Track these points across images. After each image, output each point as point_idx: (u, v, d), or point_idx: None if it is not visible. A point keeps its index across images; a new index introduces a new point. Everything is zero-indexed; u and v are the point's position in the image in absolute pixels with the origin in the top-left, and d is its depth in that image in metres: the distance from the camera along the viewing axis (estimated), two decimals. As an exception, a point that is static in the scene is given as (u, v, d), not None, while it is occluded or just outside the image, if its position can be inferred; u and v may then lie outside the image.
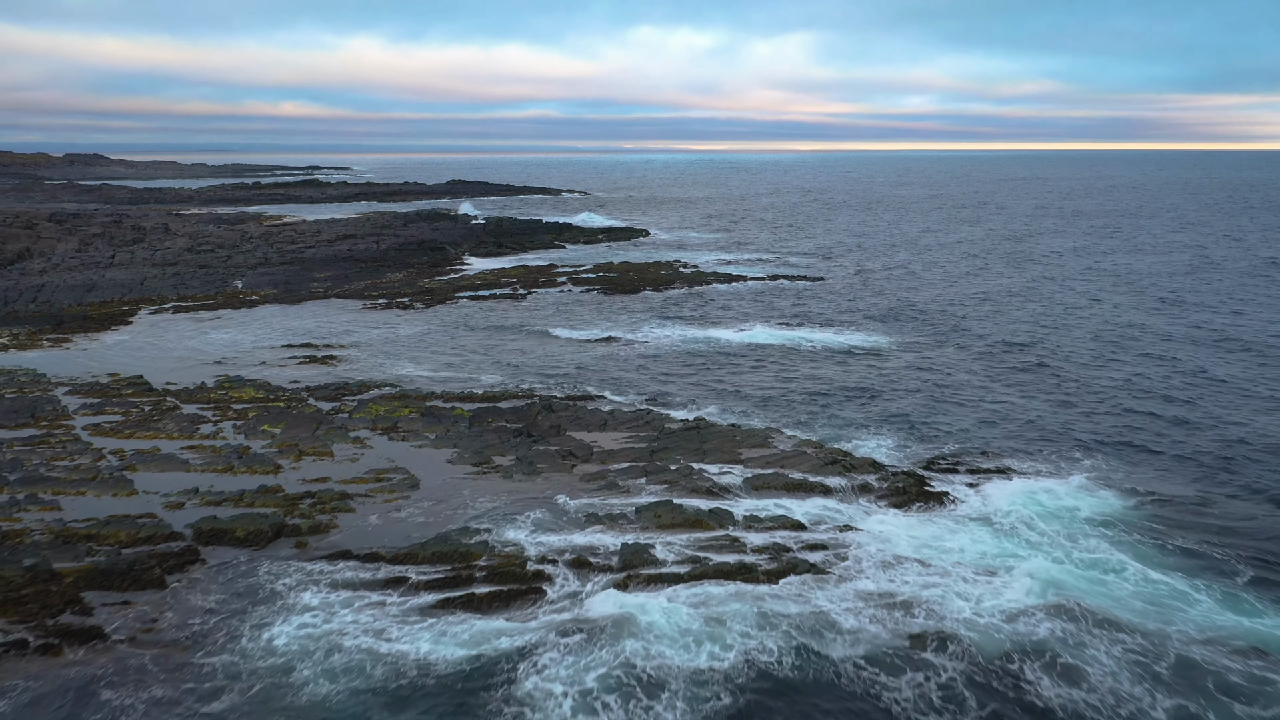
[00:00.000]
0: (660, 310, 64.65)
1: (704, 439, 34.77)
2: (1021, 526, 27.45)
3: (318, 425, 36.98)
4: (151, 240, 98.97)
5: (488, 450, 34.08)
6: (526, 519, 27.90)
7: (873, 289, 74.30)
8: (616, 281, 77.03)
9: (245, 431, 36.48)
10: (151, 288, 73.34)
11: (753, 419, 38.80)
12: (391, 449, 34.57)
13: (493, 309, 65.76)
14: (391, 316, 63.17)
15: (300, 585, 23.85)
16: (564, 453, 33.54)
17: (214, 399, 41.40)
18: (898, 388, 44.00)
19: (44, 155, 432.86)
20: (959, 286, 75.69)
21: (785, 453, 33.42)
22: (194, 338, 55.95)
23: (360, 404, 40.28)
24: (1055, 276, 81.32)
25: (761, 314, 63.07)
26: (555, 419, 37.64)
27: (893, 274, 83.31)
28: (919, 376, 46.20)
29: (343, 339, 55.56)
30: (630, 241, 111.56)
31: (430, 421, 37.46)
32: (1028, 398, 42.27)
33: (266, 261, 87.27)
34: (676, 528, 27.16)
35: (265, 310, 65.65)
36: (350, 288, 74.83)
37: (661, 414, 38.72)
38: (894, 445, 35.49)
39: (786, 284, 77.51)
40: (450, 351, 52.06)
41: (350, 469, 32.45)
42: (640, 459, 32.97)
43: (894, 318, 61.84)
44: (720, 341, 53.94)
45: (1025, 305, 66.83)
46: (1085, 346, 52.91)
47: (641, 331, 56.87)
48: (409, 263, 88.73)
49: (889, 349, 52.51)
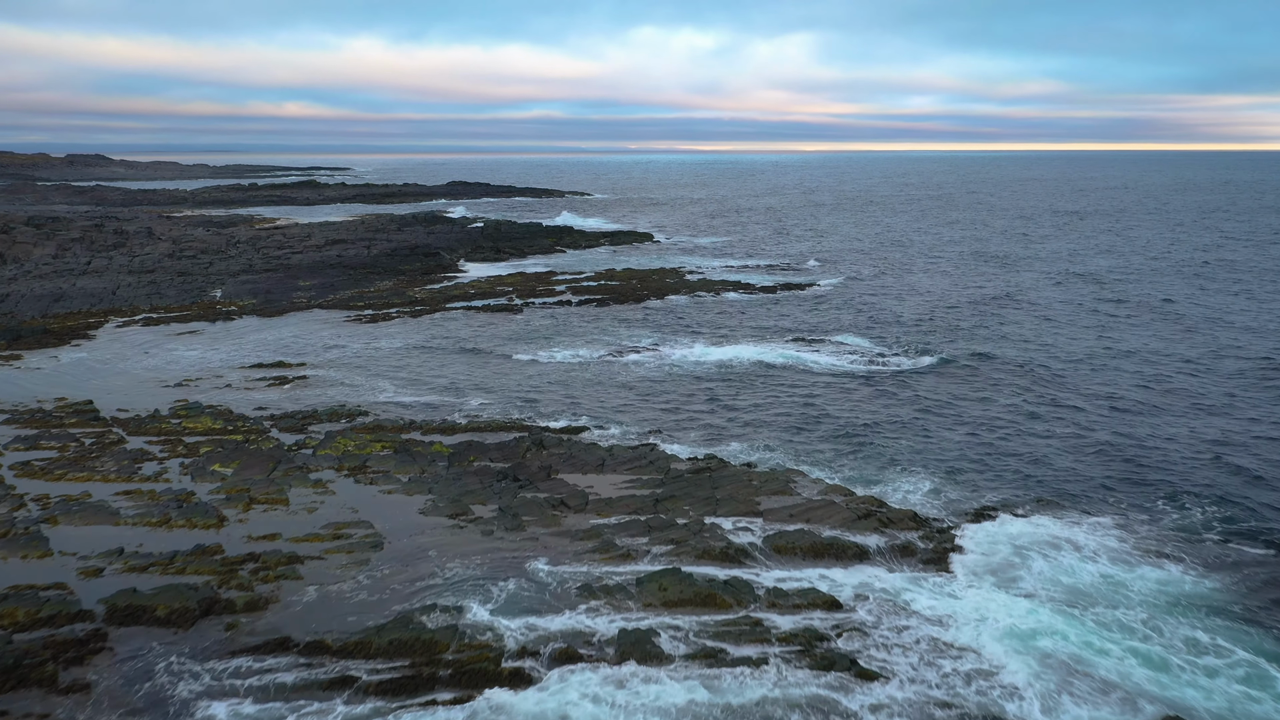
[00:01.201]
0: (665, 323, 60.09)
1: (715, 484, 30.20)
2: (1102, 606, 22.78)
3: (275, 465, 32.46)
4: (133, 245, 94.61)
5: (467, 498, 29.54)
6: (506, 592, 23.35)
7: (890, 299, 69.67)
8: (619, 290, 72.48)
9: (193, 472, 31.97)
10: (124, 297, 68.93)
11: (770, 456, 34.23)
12: (356, 495, 30.05)
13: (486, 322, 61.23)
14: (375, 330, 58.66)
15: (215, 693, 19.30)
16: (554, 501, 29.00)
17: (165, 430, 36.90)
18: (927, 415, 39.39)
19: (44, 156, 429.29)
20: (982, 296, 71.01)
21: (810, 502, 28.83)
22: (159, 355, 51.50)
23: (328, 437, 35.75)
24: (1091, 292, 76.59)
25: (774, 327, 58.48)
26: (546, 458, 33.07)
27: (909, 282, 78.64)
28: (950, 402, 41.59)
29: (319, 356, 51.06)
30: (634, 245, 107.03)
31: (404, 460, 32.93)
32: (1078, 431, 37.59)
33: (250, 268, 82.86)
34: (685, 606, 22.59)
35: (242, 323, 61.19)
36: (335, 297, 70.33)
37: (666, 451, 34.15)
38: (932, 490, 30.89)
39: (799, 292, 72.92)
40: (435, 371, 47.54)
41: (305, 522, 27.92)
42: (642, 509, 28.42)
43: (915, 331, 57.21)
44: (730, 361, 49.33)
45: (1063, 322, 62.13)
46: (1127, 371, 48.23)
47: (645, 349, 52.30)
48: (400, 270, 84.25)
49: (913, 369, 47.88)
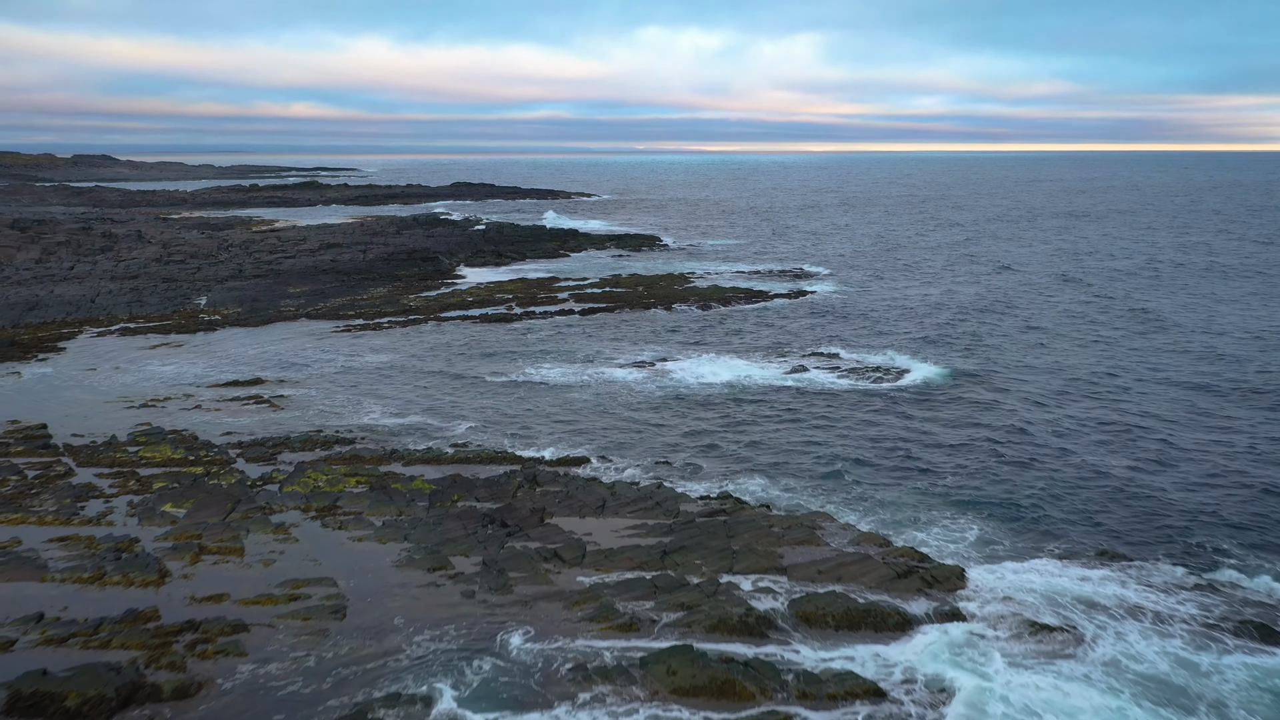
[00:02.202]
0: (672, 336, 56.33)
1: (732, 531, 26.45)
2: (1204, 708, 18.95)
3: (233, 505, 28.82)
4: (121, 249, 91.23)
5: (448, 547, 25.85)
6: (482, 675, 19.64)
7: (911, 307, 65.82)
8: (624, 298, 68.77)
9: (141, 513, 28.35)
10: (103, 306, 65.46)
11: (790, 494, 30.49)
12: (322, 543, 26.39)
13: (482, 334, 57.56)
14: (364, 342, 55.03)
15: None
16: (547, 553, 25.29)
17: (119, 461, 33.29)
18: (964, 444, 35.57)
19: (50, 156, 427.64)
20: (1008, 306, 67.10)
21: (841, 555, 25.05)
22: (130, 370, 47.95)
23: (297, 469, 32.12)
24: (1125, 297, 72.61)
25: (790, 341, 54.68)
26: (539, 497, 29.36)
27: (927, 290, 74.75)
28: (986, 427, 37.76)
29: (301, 371, 47.46)
30: (640, 249, 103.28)
31: (380, 499, 29.26)
32: (1138, 464, 33.72)
33: (239, 274, 79.36)
34: (699, 695, 18.86)
35: (224, 334, 57.65)
36: (325, 305, 66.75)
37: (674, 489, 30.42)
38: (980, 539, 27.10)
39: (814, 300, 69.13)
40: (424, 390, 43.87)
41: (260, 578, 24.25)
42: (648, 564, 24.69)
43: (941, 344, 53.37)
44: (742, 380, 45.54)
45: (1098, 332, 58.22)
46: (1180, 386, 44.33)
47: (651, 365, 48.55)
48: (396, 275, 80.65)
49: (941, 386, 44.06)
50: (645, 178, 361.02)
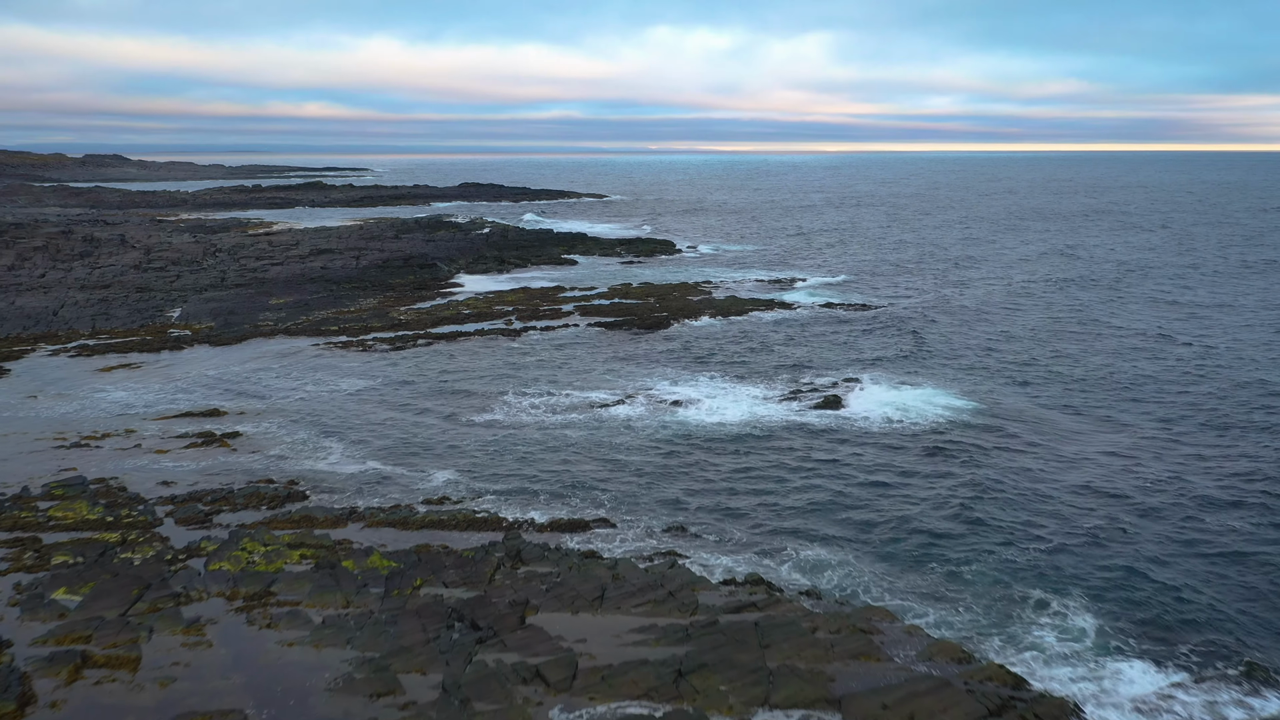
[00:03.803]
0: (686, 358, 50.40)
1: (766, 638, 20.58)
2: None
3: (142, 591, 23.13)
4: (100, 254, 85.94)
5: (400, 660, 20.08)
6: None
7: (943, 323, 59.74)
8: (634, 311, 62.97)
9: (26, 602, 22.69)
10: (66, 319, 60.06)
11: (836, 578, 24.62)
12: (243, 650, 20.66)
13: (474, 354, 51.81)
14: (343, 363, 49.37)
15: None
16: (526, 671, 19.48)
17: (24, 522, 27.71)
18: (1048, 501, 29.58)
19: (60, 156, 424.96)
20: (1057, 321, 60.97)
21: (912, 678, 19.14)
22: (74, 397, 42.46)
23: (232, 537, 26.43)
24: (1210, 317, 66.34)
25: (820, 362, 48.73)
26: (521, 584, 23.54)
27: (963, 303, 68.63)
28: (1069, 474, 31.76)
29: (264, 400, 41.85)
30: (652, 255, 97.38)
31: (325, 583, 23.53)
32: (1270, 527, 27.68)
33: (221, 282, 73.91)
34: None
35: (190, 354, 52.11)
36: (307, 319, 61.15)
37: (692, 568, 24.60)
38: (1098, 646, 21.15)
39: (841, 313, 63.16)
40: (400, 427, 38.12)
41: (151, 707, 18.53)
42: (658, 692, 18.86)
43: (985, 371, 47.34)
44: (767, 416, 39.58)
45: (1188, 360, 52.05)
46: (1277, 422, 38.22)
47: (662, 397, 42.65)
48: (389, 284, 75.05)
49: (1001, 421, 38.06)
50: (658, 178, 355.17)
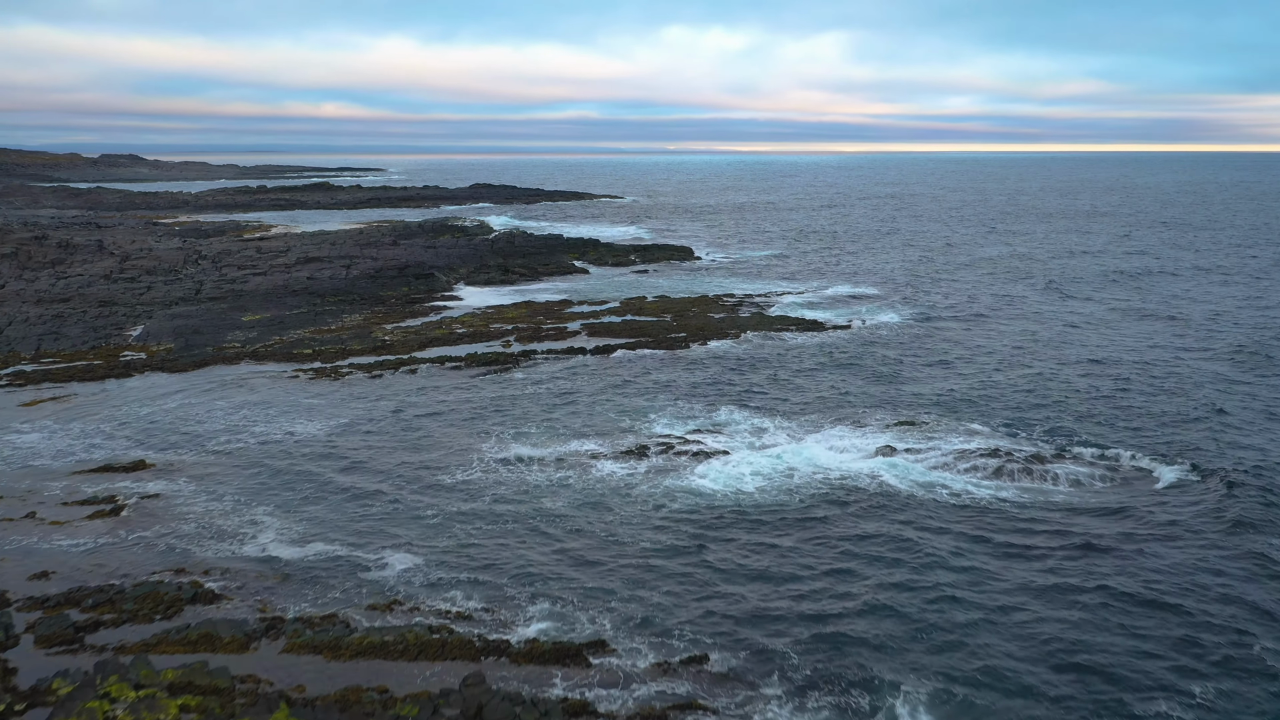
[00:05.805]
0: (707, 392, 42.98)
1: None
2: None
3: (-75, 784, 16.01)
4: (73, 262, 79.47)
5: None
6: None
7: (1010, 347, 52.08)
8: (647, 330, 55.67)
9: None
10: (10, 339, 53.34)
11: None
12: None
13: (462, 386, 44.63)
14: (306, 398, 42.30)
15: None
16: None
17: None
18: (1228, 621, 22.06)
19: (75, 155, 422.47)
20: (1151, 349, 53.22)
21: None
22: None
23: (98, 671, 19.30)
24: None
25: (865, 399, 41.24)
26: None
27: (1027, 326, 60.91)
28: (1221, 567, 24.24)
29: (199, 448, 34.79)
30: (669, 262, 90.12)
31: (193, 767, 16.33)
32: None
33: (195, 295, 67.15)
34: None
35: (137, 382, 45.23)
36: (279, 340, 54.16)
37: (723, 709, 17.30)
38: None
39: (884, 334, 55.64)
40: (352, 494, 30.83)
41: None
42: None
43: (1075, 411, 39.71)
44: (808, 477, 31.94)
45: None
46: None
47: (677, 448, 35.22)
48: (380, 296, 68.10)
49: (1102, 488, 30.48)
50: (675, 179, 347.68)
